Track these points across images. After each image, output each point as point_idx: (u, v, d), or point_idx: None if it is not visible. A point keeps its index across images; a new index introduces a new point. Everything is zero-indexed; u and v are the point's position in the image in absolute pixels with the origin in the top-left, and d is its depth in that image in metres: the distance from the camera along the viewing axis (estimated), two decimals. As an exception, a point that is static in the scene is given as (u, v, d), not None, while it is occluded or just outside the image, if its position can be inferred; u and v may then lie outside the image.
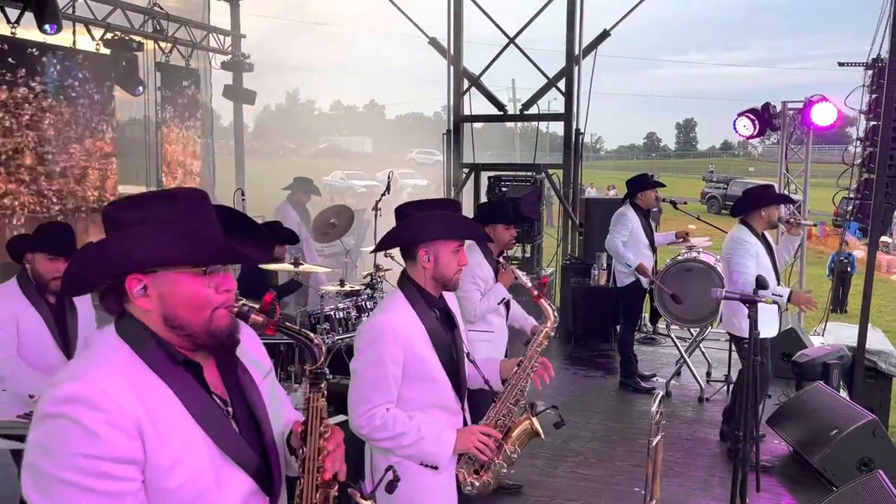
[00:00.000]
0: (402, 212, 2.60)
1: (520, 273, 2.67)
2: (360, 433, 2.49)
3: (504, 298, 4.32)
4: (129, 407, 1.40)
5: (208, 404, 1.53)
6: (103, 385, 1.40)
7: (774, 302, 3.56)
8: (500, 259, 4.37)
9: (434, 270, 2.52)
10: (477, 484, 2.56)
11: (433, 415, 2.52)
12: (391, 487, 2.26)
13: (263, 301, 1.78)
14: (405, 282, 2.58)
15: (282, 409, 1.79)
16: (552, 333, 2.61)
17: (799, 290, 5.61)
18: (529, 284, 2.64)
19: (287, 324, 1.60)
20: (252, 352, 1.74)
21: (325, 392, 1.62)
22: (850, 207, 7.43)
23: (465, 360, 2.64)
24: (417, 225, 2.53)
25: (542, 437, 2.62)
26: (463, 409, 2.61)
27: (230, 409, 1.59)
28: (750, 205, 5.17)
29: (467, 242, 3.00)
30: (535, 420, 2.61)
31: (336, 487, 1.66)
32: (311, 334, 1.63)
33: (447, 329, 2.58)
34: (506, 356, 4.32)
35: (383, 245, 2.63)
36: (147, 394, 1.45)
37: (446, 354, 2.53)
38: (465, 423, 2.61)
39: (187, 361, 1.53)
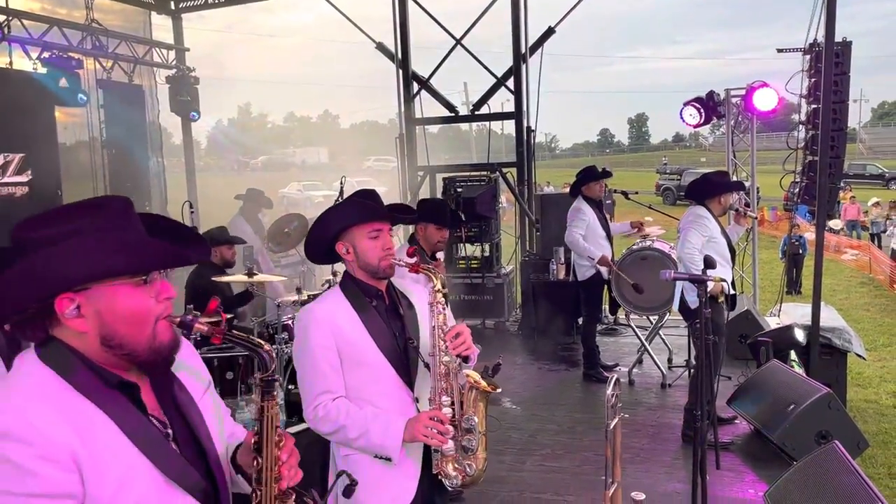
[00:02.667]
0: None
1: (395, 259, 2.51)
2: (311, 427, 2.47)
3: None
4: (62, 438, 1.30)
5: (147, 428, 1.44)
6: (30, 417, 1.30)
7: (723, 280, 3.61)
8: (437, 257, 4.33)
9: (357, 260, 2.50)
10: (459, 476, 2.42)
11: (381, 403, 2.45)
12: (348, 492, 2.22)
13: (208, 308, 1.68)
14: (344, 276, 2.59)
15: (224, 425, 1.70)
16: (439, 288, 2.47)
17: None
18: (404, 263, 2.52)
19: (234, 331, 1.51)
20: (190, 366, 1.65)
21: (279, 399, 1.54)
22: (797, 190, 7.61)
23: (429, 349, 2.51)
24: (322, 222, 2.54)
25: (494, 389, 2.44)
26: (417, 398, 2.52)
27: (169, 430, 1.50)
28: (710, 190, 5.30)
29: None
30: (472, 375, 2.45)
31: (294, 497, 1.58)
32: (261, 341, 1.53)
33: (389, 318, 2.53)
34: None
35: (307, 253, 2.62)
36: (81, 421, 1.35)
37: (386, 341, 2.47)
38: (430, 404, 2.50)
39: (123, 383, 1.43)
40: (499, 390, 2.46)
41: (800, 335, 6.25)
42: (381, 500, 2.46)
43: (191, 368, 1.64)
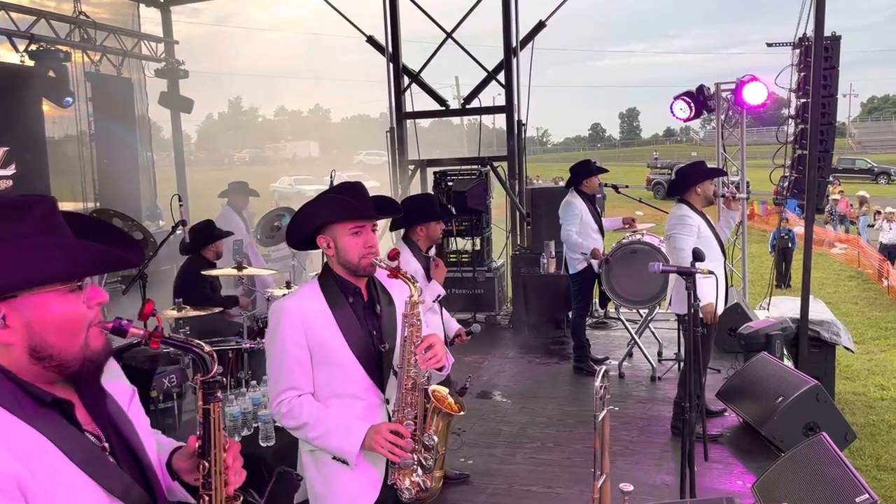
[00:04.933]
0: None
1: (378, 259, 2.43)
2: (275, 419, 2.47)
3: (440, 295, 4.19)
4: (5, 464, 1.21)
5: (85, 445, 1.36)
6: None
7: (710, 272, 3.63)
8: (431, 254, 4.32)
9: (337, 256, 2.44)
10: (413, 490, 2.37)
11: (349, 403, 2.43)
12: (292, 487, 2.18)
13: (144, 312, 1.60)
14: (324, 268, 2.54)
15: (151, 433, 1.65)
16: (416, 299, 2.38)
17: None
18: (385, 265, 2.40)
19: (172, 335, 1.48)
20: (116, 375, 1.58)
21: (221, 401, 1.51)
22: (787, 184, 7.64)
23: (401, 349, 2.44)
24: (303, 214, 2.49)
25: (458, 412, 2.38)
26: (387, 400, 2.48)
27: (105, 444, 1.42)
28: (684, 183, 5.25)
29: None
30: (438, 392, 2.38)
31: (241, 500, 1.57)
32: (202, 343, 1.49)
33: (365, 316, 2.47)
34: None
35: (288, 241, 2.58)
36: (19, 444, 1.25)
37: (359, 341, 2.42)
38: (389, 416, 2.46)
39: (56, 401, 1.34)
40: (462, 413, 2.40)
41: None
42: (340, 499, 2.44)
43: (116, 377, 1.58)
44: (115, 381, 1.56)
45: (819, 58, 6.22)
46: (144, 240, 6.00)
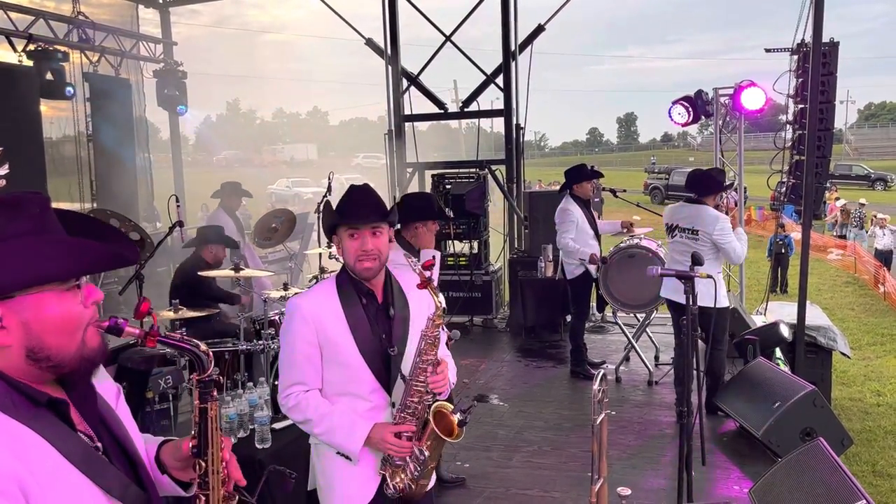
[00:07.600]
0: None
1: (409, 261, 2.42)
2: (282, 410, 2.55)
3: (434, 256, 4.10)
4: (7, 466, 1.19)
5: (81, 445, 1.34)
6: None
7: (709, 276, 3.63)
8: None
9: (342, 257, 2.51)
10: (399, 486, 2.44)
11: (356, 402, 2.48)
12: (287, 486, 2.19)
13: (140, 310, 1.60)
14: (342, 268, 2.59)
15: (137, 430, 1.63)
16: (440, 322, 2.38)
17: None
18: (418, 270, 2.36)
19: (168, 333, 1.45)
20: (102, 374, 1.55)
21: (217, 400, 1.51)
22: (784, 190, 7.65)
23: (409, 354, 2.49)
24: (323, 213, 2.62)
25: (452, 438, 2.42)
26: (393, 403, 2.50)
27: (98, 444, 1.39)
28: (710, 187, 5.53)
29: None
30: (444, 407, 2.43)
31: (237, 499, 1.57)
32: (197, 342, 1.47)
33: (376, 318, 2.50)
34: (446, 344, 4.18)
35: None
36: (17, 445, 1.23)
37: (368, 343, 2.46)
38: (393, 418, 2.48)
39: (51, 401, 1.31)
40: (456, 440, 2.43)
41: (785, 331, 6.29)
42: (341, 493, 2.52)
43: (103, 376, 1.55)
44: (102, 380, 1.54)
45: (817, 64, 6.24)
46: (141, 241, 5.98)
